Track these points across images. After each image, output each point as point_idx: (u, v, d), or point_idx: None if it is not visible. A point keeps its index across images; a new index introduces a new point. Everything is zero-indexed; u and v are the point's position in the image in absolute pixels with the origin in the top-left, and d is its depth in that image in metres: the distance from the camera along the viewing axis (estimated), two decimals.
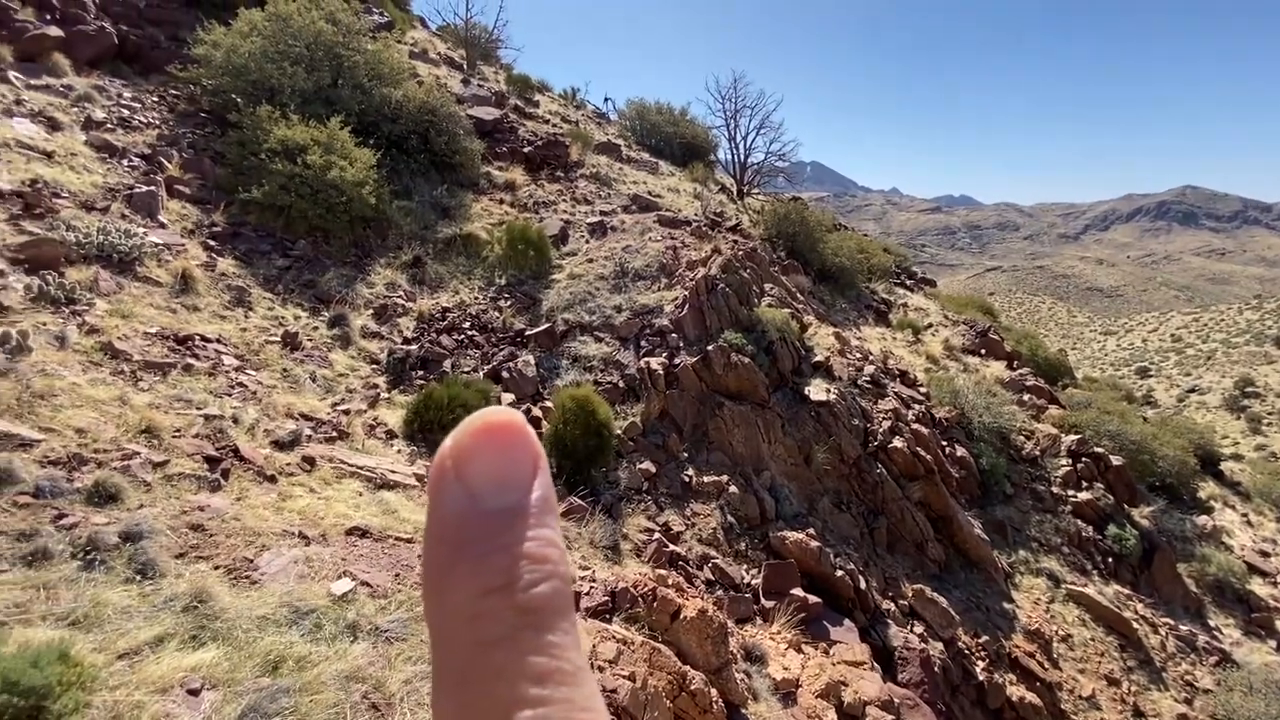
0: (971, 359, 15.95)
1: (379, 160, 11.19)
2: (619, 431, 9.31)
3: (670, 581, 5.69)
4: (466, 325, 10.53)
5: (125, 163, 8.91)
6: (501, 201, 14.20)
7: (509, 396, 9.31)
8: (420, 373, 9.09)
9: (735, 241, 13.58)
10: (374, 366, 8.66)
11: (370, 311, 9.62)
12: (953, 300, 21.97)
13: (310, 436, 5.78)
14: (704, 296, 10.99)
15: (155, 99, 10.60)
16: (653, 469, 9.30)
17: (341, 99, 11.77)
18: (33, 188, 7.33)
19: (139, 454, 3.87)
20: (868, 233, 36.02)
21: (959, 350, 16.05)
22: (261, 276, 8.81)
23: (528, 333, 10.58)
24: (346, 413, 7.06)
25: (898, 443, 10.29)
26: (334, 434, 6.33)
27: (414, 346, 9.38)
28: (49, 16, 10.47)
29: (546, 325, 10.67)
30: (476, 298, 11.32)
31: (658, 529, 8.58)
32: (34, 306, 5.47)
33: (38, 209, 7.10)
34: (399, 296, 10.22)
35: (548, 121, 18.63)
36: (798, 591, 7.65)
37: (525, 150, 16.12)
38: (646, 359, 10.32)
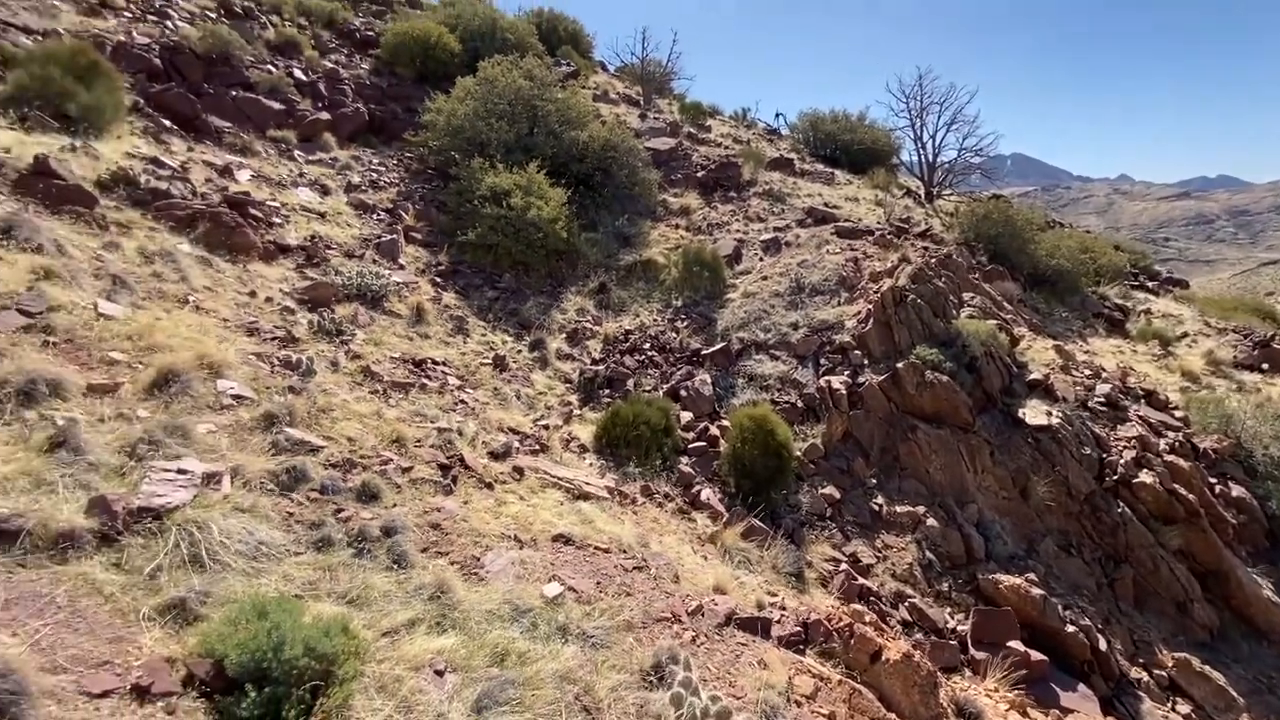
0: (1248, 375, 12.79)
1: (569, 197, 12.19)
2: (799, 453, 8.97)
3: (867, 619, 5.28)
4: (647, 346, 10.93)
5: (374, 217, 10.76)
6: (677, 226, 14.62)
7: (687, 414, 9.44)
8: (607, 391, 9.63)
9: (926, 248, 12.48)
10: (567, 385, 9.36)
11: (564, 335, 10.45)
12: (1215, 303, 17.90)
13: (518, 449, 6.39)
14: (891, 309, 10.23)
15: (395, 162, 12.70)
16: (837, 494, 8.80)
17: (537, 145, 13.06)
18: (312, 242, 9.14)
19: (392, 460, 4.60)
20: (1090, 229, 30.93)
21: (1229, 365, 12.97)
22: (475, 307, 10.03)
23: (704, 352, 10.69)
24: (546, 428, 7.70)
25: (1146, 477, 8.58)
26: (537, 447, 6.93)
27: (601, 367, 9.98)
28: (320, 104, 13.10)
29: (722, 344, 10.69)
30: (655, 319, 11.72)
31: (844, 559, 8.07)
32: (315, 337, 6.79)
33: (316, 259, 8.83)
34: (587, 321, 10.97)
35: (719, 144, 18.90)
36: (1016, 645, 6.66)
37: (698, 175, 16.47)
38: (826, 377, 9.85)
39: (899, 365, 9.43)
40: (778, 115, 26.04)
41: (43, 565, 2.73)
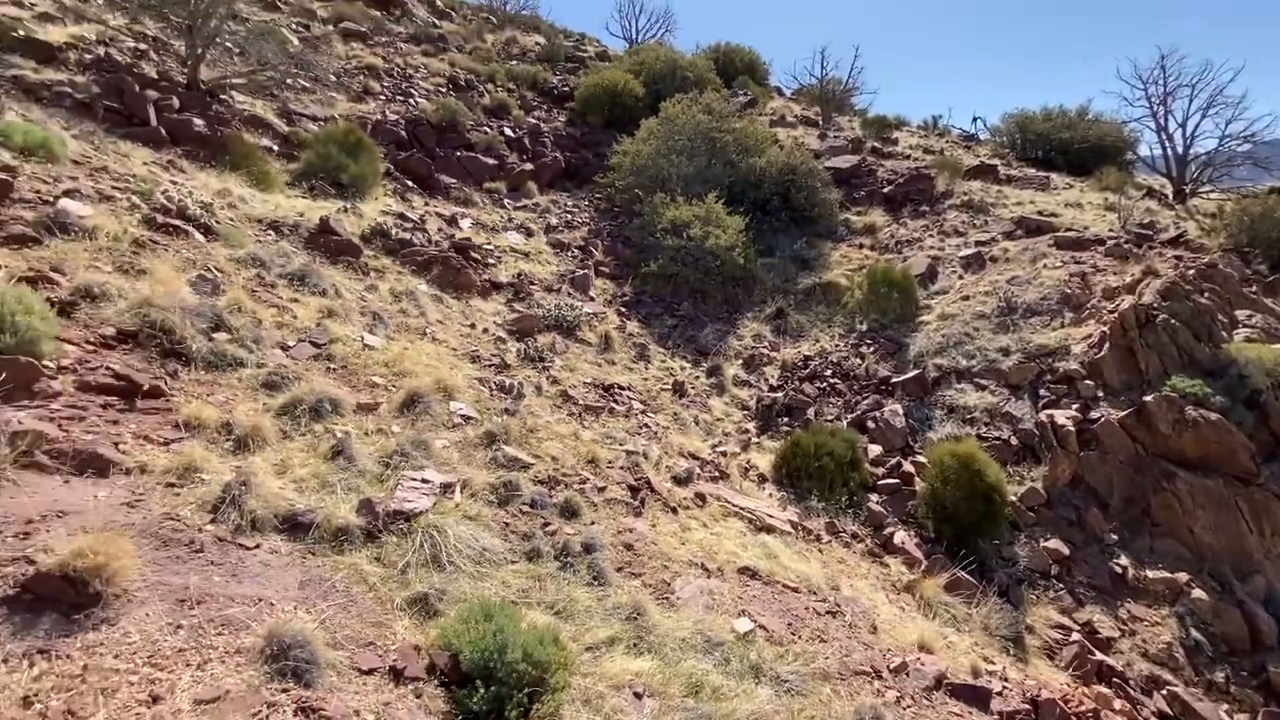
0: None
1: (746, 224, 12.22)
2: (1013, 498, 7.89)
3: (1116, 706, 4.40)
4: (828, 373, 10.44)
5: (569, 254, 11.75)
6: (861, 246, 13.87)
7: (875, 448, 8.80)
8: (786, 419, 9.35)
9: (1179, 258, 10.38)
10: (744, 412, 9.27)
11: (740, 362, 10.40)
12: None
13: (699, 475, 6.44)
14: (1133, 331, 8.65)
15: (586, 203, 13.79)
16: (1065, 550, 7.56)
17: (715, 175, 13.33)
18: (519, 279, 10.21)
19: (588, 480, 4.91)
20: None
21: None
22: (656, 335, 10.42)
23: (894, 380, 9.92)
24: (724, 454, 7.67)
25: None
26: (716, 474, 6.92)
27: (779, 394, 9.74)
28: (524, 157, 14.69)
29: (915, 372, 9.84)
30: (837, 345, 11.16)
31: (1077, 628, 6.87)
32: (522, 363, 7.54)
33: (522, 293, 9.84)
34: (764, 347, 10.81)
35: (907, 157, 17.66)
36: None
37: (884, 190, 15.53)
38: (1048, 411, 8.57)
39: (1147, 399, 7.92)
40: (975, 119, 23.67)
41: (325, 554, 3.33)
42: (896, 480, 8.18)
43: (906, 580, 6.32)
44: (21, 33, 8.44)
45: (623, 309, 10.79)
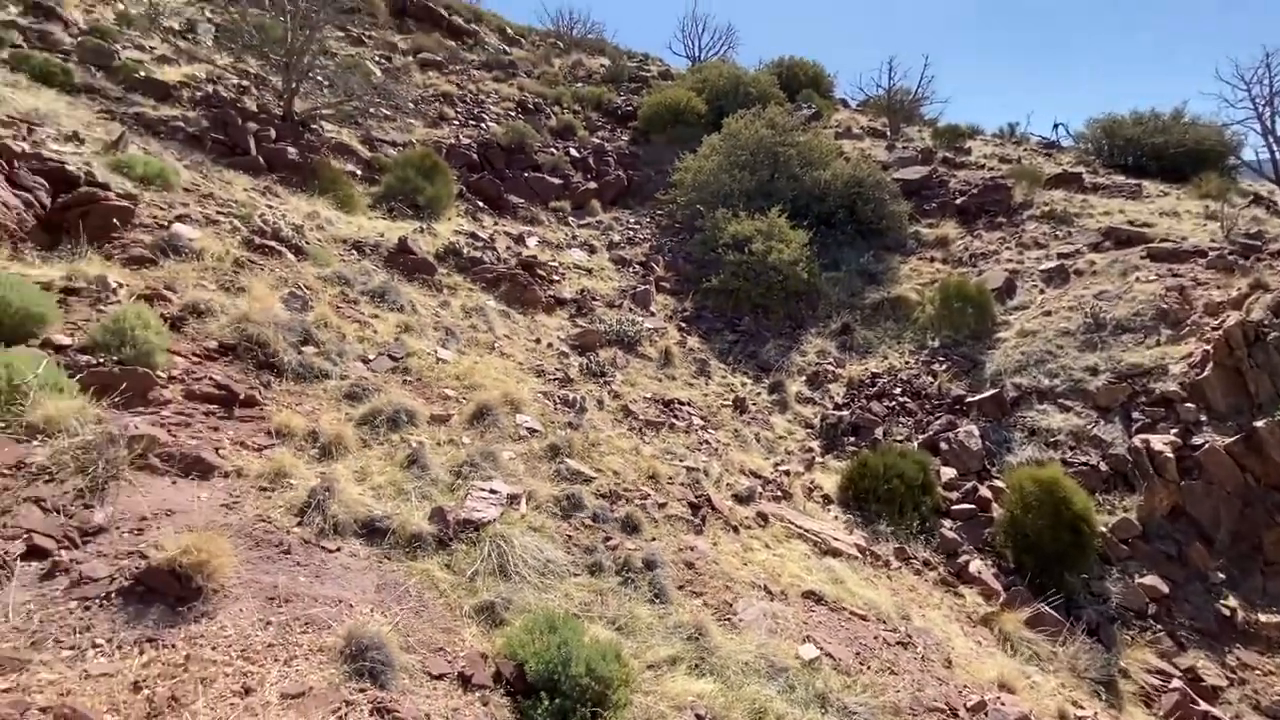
0: None
1: (811, 238, 12.02)
2: (1103, 529, 7.36)
3: None
4: (897, 391, 10.07)
5: (630, 270, 11.89)
6: (932, 259, 13.38)
7: (949, 471, 8.40)
8: (852, 439, 9.07)
9: None
10: (808, 431, 9.05)
11: (804, 378, 10.19)
12: None
13: (760, 494, 6.32)
14: (1240, 350, 7.97)
15: (648, 220, 13.94)
16: (1163, 588, 6.98)
17: (778, 190, 13.21)
18: (582, 295, 10.40)
19: (649, 496, 4.92)
20: None
21: None
22: (717, 350, 10.36)
23: (968, 399, 9.47)
24: (787, 474, 7.51)
25: None
26: (779, 493, 6.78)
27: (845, 412, 9.46)
28: (589, 176, 15.02)
29: (992, 391, 9.36)
30: (907, 362, 10.77)
31: (1178, 674, 6.32)
32: (584, 378, 7.66)
33: (584, 309, 10.02)
34: (829, 363, 10.55)
35: (981, 167, 16.95)
36: None
37: (957, 202, 14.95)
38: (1143, 436, 7.98)
39: (1258, 424, 7.25)
40: (1056, 126, 22.49)
41: (400, 559, 3.47)
42: (972, 506, 7.78)
43: (983, 613, 5.97)
44: (143, 74, 9.39)
45: (683, 324, 10.80)
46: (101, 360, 3.80)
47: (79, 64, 8.71)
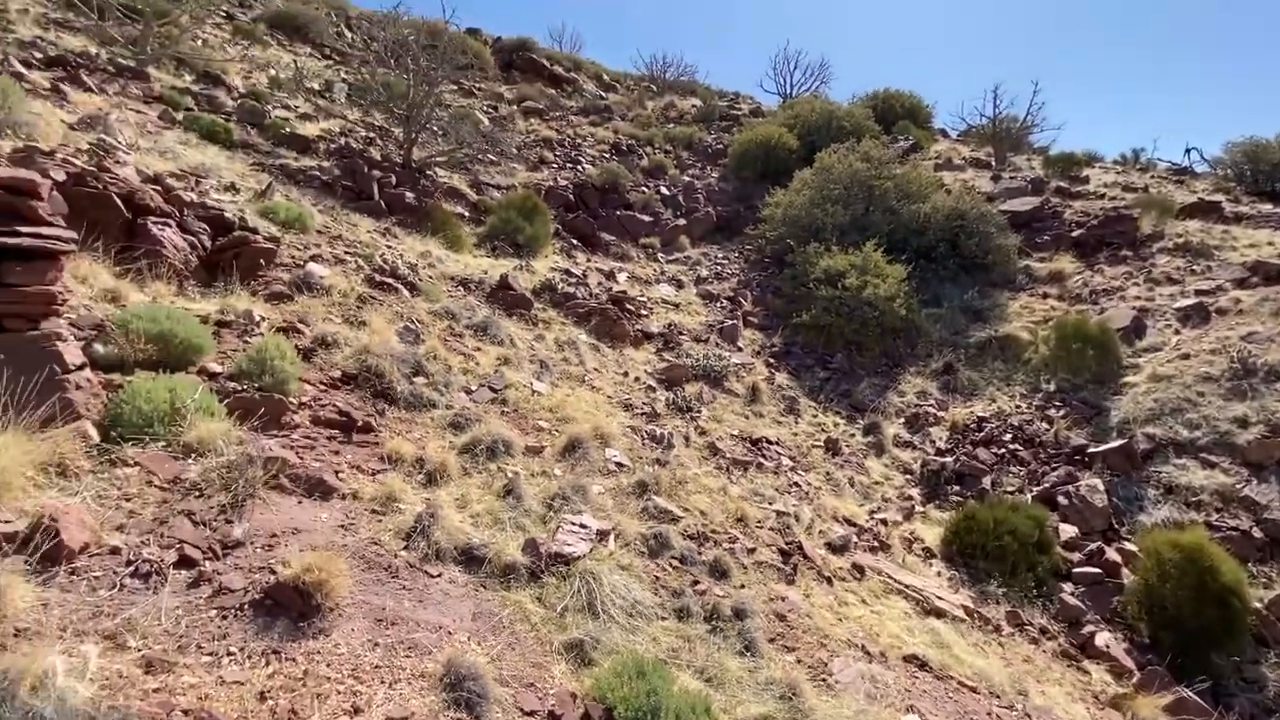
0: None
1: (908, 273, 11.55)
2: (1258, 604, 6.42)
3: None
4: (1007, 437, 9.34)
5: (717, 305, 11.88)
6: (1045, 296, 12.46)
7: (1069, 529, 7.64)
8: (956, 488, 8.46)
9: None
10: (907, 477, 8.54)
11: (902, 420, 9.67)
12: None
13: (855, 543, 6.00)
14: None
15: (736, 254, 13.94)
16: None
17: (874, 223, 12.83)
18: (669, 329, 10.49)
19: (738, 539, 4.80)
20: None
21: None
22: (807, 388, 10.07)
23: (1090, 450, 8.62)
24: (884, 523, 7.09)
25: None
26: (875, 544, 6.41)
27: (948, 459, 8.86)
28: (678, 213, 15.27)
29: (1119, 441, 8.48)
30: (1018, 406, 9.99)
31: None
32: (670, 412, 7.66)
33: (671, 343, 10.08)
34: (930, 405, 9.97)
35: (1101, 196, 15.70)
36: None
37: (1073, 234, 13.90)
38: None
39: None
40: (1188, 151, 20.48)
41: (495, 589, 3.57)
42: (1098, 570, 7.00)
43: (1114, 693, 5.30)
44: (288, 129, 10.62)
45: (771, 360, 10.60)
46: (245, 387, 4.24)
47: (237, 123, 9.99)
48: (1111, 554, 7.11)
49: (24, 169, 4.32)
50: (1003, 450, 9.11)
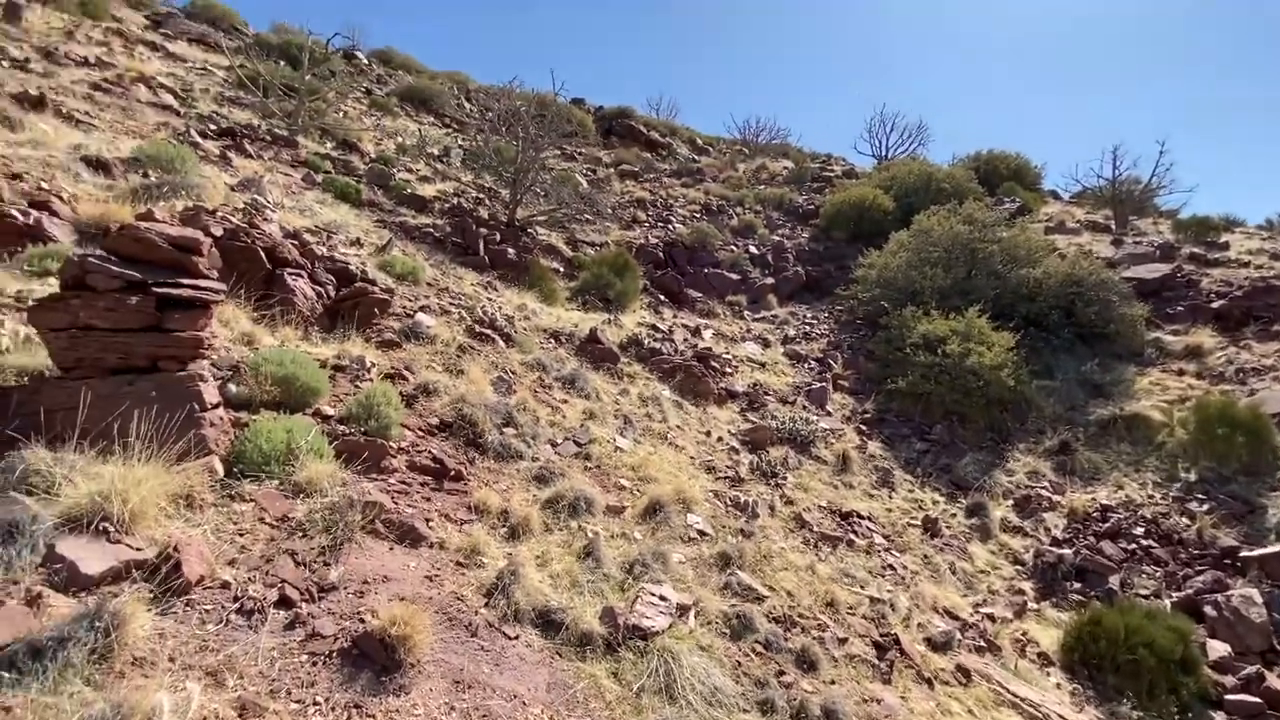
0: None
1: (1016, 341, 10.78)
2: None
3: None
4: (1138, 531, 8.30)
5: (806, 366, 11.54)
6: (1180, 372, 11.25)
7: (1219, 646, 6.58)
8: (1077, 585, 7.54)
9: None
10: (1018, 568, 7.71)
11: (1010, 502, 8.83)
12: None
13: (959, 641, 5.41)
14: None
15: (826, 315, 13.60)
16: None
17: (977, 288, 12.18)
18: (754, 389, 10.26)
19: (828, 627, 4.45)
20: None
21: None
22: (902, 459, 9.45)
23: (1244, 553, 7.50)
24: (991, 619, 6.38)
25: None
26: (981, 643, 5.75)
27: (1066, 550, 7.94)
28: (766, 271, 15.19)
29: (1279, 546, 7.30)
30: (1150, 496, 8.90)
31: None
32: (754, 477, 7.39)
33: (756, 404, 9.84)
34: (1043, 488, 9.06)
35: (1243, 264, 14.19)
36: None
37: (1213, 305, 12.57)
38: None
39: None
40: None
41: (570, 658, 3.47)
42: (1257, 700, 5.92)
43: None
44: (409, 190, 11.63)
45: (863, 427, 10.08)
46: (352, 430, 4.49)
47: (366, 184, 11.05)
48: (1274, 681, 6.02)
49: (191, 227, 4.93)
50: (1133, 546, 8.09)
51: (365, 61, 20.33)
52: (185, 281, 3.72)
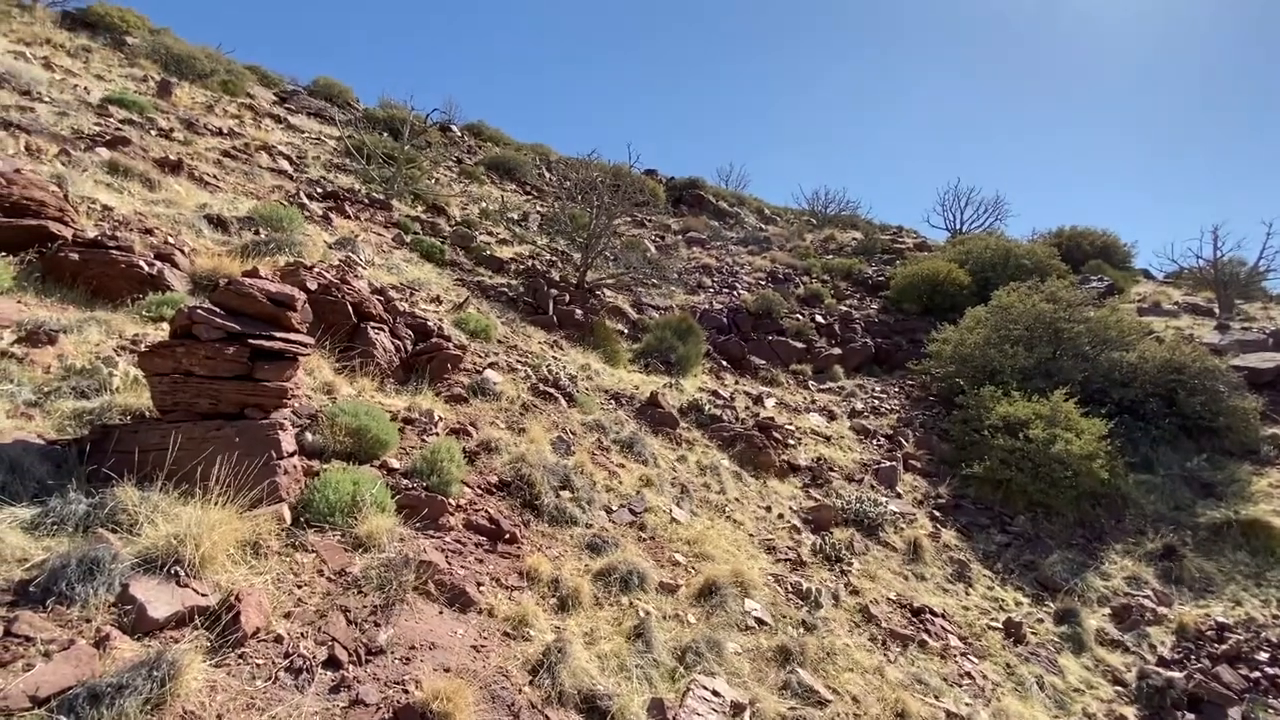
0: None
1: (1110, 430, 9.95)
2: None
3: None
4: (1262, 657, 7.26)
5: (874, 442, 11.02)
6: None
7: None
8: (1190, 716, 6.56)
9: None
10: (1118, 689, 6.81)
11: (1106, 611, 7.92)
12: None
13: None
14: None
15: (896, 389, 13.07)
16: None
17: (1062, 369, 11.45)
18: (818, 463, 9.84)
19: None
20: None
21: None
22: (980, 552, 8.72)
23: None
24: None
25: None
26: None
27: (1176, 673, 6.98)
28: (833, 342, 14.88)
29: None
30: (1275, 616, 7.84)
31: None
32: (817, 561, 6.96)
33: (820, 479, 9.41)
34: (1145, 597, 8.10)
35: None
36: None
37: None
38: None
39: None
40: None
41: None
42: None
43: None
44: (488, 252, 12.24)
45: (936, 512, 9.42)
46: (414, 485, 4.55)
47: (450, 245, 11.72)
48: None
49: (289, 282, 5.31)
50: (1256, 674, 7.07)
51: (458, 134, 22.03)
52: (278, 335, 3.96)
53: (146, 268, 5.67)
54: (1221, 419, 10.83)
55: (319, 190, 11.38)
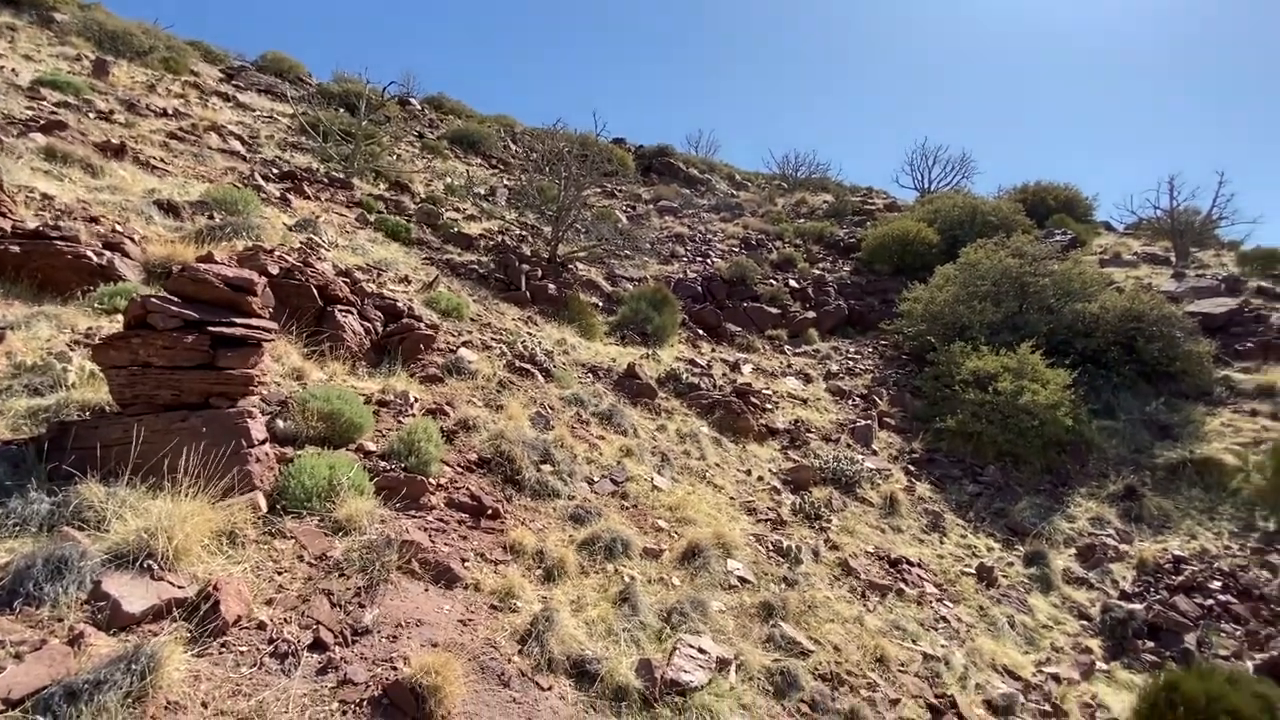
0: None
1: (1074, 379, 10.28)
2: None
3: None
4: (1215, 585, 7.69)
5: (849, 402, 11.23)
6: (1253, 413, 10.54)
7: None
8: (1150, 644, 6.95)
9: None
10: (1083, 623, 7.17)
11: (1072, 551, 8.29)
12: None
13: (1022, 705, 5.02)
14: None
15: (870, 350, 13.28)
16: None
17: (1029, 322, 11.74)
18: (795, 426, 10.00)
19: (878, 686, 4.18)
20: None
21: None
22: (953, 502, 9.01)
23: None
24: (1056, 679, 5.91)
25: None
26: (1046, 707, 5.32)
27: (1137, 605, 7.37)
28: (807, 305, 15.00)
29: None
30: (1227, 547, 8.27)
31: None
32: (797, 520, 7.13)
33: (798, 441, 9.57)
34: (1108, 536, 8.49)
35: None
36: None
37: None
38: None
39: None
40: None
41: (605, 713, 3.32)
42: None
43: None
44: (456, 229, 11.98)
45: (911, 467, 9.68)
46: (393, 466, 4.52)
47: (416, 223, 11.44)
48: None
49: (248, 267, 5.14)
50: (1210, 602, 7.48)
51: (418, 107, 21.34)
52: (239, 321, 3.85)
53: (95, 258, 5.44)
54: (1178, 364, 11.25)
55: (275, 171, 10.97)
